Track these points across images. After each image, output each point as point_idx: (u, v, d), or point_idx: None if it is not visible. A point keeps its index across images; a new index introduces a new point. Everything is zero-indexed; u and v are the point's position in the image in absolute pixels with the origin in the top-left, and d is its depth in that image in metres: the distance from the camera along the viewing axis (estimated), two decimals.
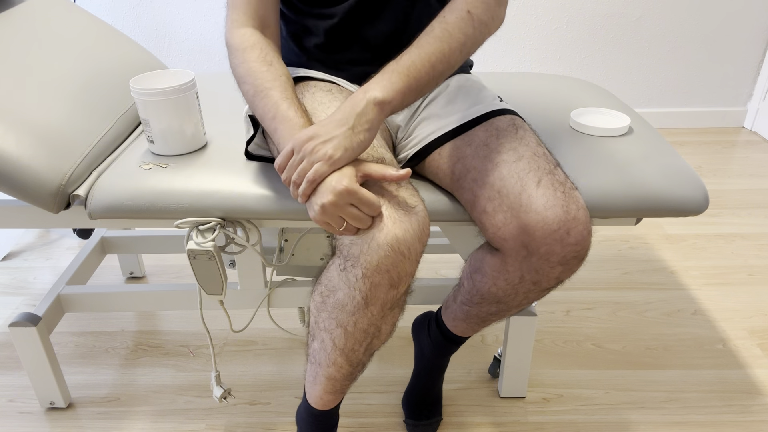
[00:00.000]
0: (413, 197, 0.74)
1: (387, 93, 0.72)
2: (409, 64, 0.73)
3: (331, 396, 0.90)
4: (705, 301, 1.45)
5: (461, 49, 0.77)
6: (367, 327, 0.77)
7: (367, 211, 0.69)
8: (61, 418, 1.15)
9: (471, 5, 0.77)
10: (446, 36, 0.75)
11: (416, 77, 0.74)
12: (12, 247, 1.70)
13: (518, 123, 0.88)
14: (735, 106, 2.40)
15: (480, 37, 0.79)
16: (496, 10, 0.79)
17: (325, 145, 0.69)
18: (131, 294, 1.13)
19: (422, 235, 0.72)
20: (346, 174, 0.69)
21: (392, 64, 0.74)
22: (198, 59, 2.29)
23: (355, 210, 0.69)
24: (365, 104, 0.71)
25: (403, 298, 0.78)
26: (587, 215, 0.77)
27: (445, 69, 0.76)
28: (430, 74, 0.75)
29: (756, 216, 1.80)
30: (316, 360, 0.85)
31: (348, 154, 0.70)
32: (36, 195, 0.90)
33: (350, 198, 0.68)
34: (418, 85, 0.74)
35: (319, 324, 0.80)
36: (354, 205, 0.69)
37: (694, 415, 1.14)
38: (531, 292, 0.83)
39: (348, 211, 0.69)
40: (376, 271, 0.70)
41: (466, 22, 0.77)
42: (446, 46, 0.75)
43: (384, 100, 0.71)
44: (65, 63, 1.08)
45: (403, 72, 0.73)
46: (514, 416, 1.15)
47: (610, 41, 2.26)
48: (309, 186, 0.70)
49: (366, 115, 0.71)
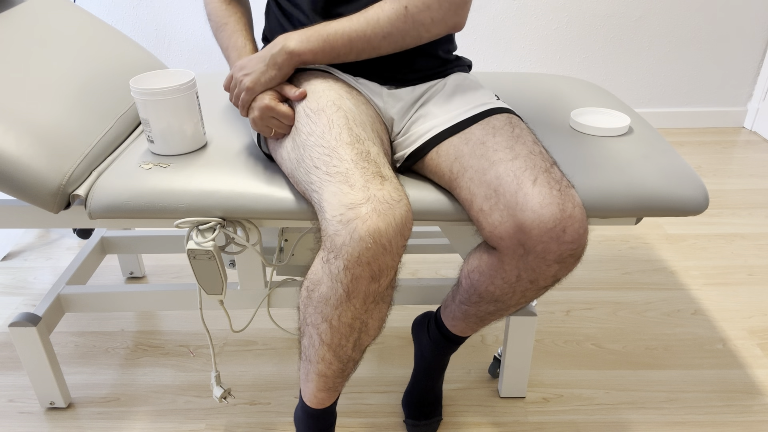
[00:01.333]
0: (398, 191, 0.75)
1: (300, 46, 0.85)
2: (332, 32, 0.84)
3: (324, 394, 0.90)
4: (705, 301, 1.45)
5: (385, 37, 0.84)
6: (352, 321, 0.77)
7: (285, 121, 0.86)
8: (61, 418, 1.15)
9: (410, 2, 0.82)
10: (374, 21, 0.83)
11: (332, 45, 0.84)
12: (12, 247, 1.70)
13: (514, 121, 0.88)
14: (735, 106, 2.40)
15: (414, 34, 0.85)
16: (440, 13, 0.83)
17: (247, 77, 0.87)
18: (131, 294, 1.13)
19: (404, 228, 0.73)
20: (268, 94, 0.87)
21: (320, 25, 0.85)
22: (198, 59, 2.29)
23: (276, 121, 0.87)
24: (279, 49, 0.85)
25: (387, 293, 0.78)
26: (583, 213, 0.77)
27: (365, 48, 0.85)
28: (347, 47, 0.85)
29: (756, 216, 1.80)
30: (307, 357, 0.85)
31: (260, 87, 0.87)
32: (36, 195, 0.90)
33: (270, 112, 0.85)
34: (332, 51, 0.85)
35: (306, 319, 0.81)
36: (275, 117, 0.86)
37: (694, 415, 1.14)
38: (528, 290, 0.83)
39: (272, 123, 0.87)
40: (357, 263, 0.71)
41: (399, 15, 0.83)
42: (369, 30, 0.84)
43: (294, 51, 0.85)
44: (65, 63, 1.08)
45: (322, 35, 0.84)
46: (514, 416, 1.15)
47: (610, 41, 2.26)
48: (242, 109, 0.90)
49: (277, 57, 0.85)
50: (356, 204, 0.71)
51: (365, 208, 0.71)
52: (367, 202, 0.71)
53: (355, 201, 0.71)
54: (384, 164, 0.78)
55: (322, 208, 0.74)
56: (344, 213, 0.71)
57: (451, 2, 0.82)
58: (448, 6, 0.82)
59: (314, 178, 0.77)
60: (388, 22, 0.83)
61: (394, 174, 0.78)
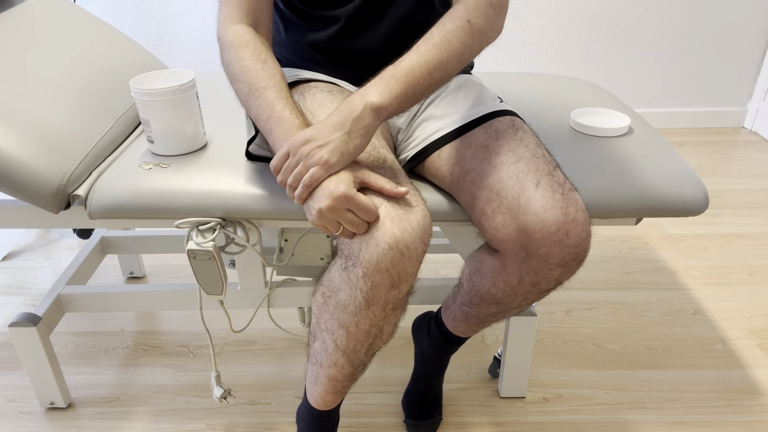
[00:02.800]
0: (414, 197, 0.75)
1: (384, 98, 0.71)
2: (408, 70, 0.73)
3: (331, 396, 0.90)
4: (705, 301, 1.45)
5: (459, 58, 0.76)
6: (369, 328, 0.77)
7: (363, 216, 0.69)
8: (61, 418, 1.15)
9: (471, 14, 0.77)
10: (445, 44, 0.75)
11: (413, 84, 0.73)
12: (12, 247, 1.70)
13: (518, 124, 0.88)
14: (735, 106, 2.40)
15: (478, 47, 0.79)
16: (495, 20, 0.79)
17: (321, 149, 0.70)
18: (131, 294, 1.13)
19: (423, 235, 0.72)
20: (344, 179, 0.70)
21: (390, 69, 0.74)
22: (198, 59, 2.29)
23: (352, 215, 0.69)
24: (362, 109, 0.71)
25: (405, 299, 0.78)
26: (586, 217, 0.77)
27: (442, 77, 0.76)
28: (427, 81, 0.75)
29: (756, 216, 1.80)
30: (318, 360, 0.85)
31: (344, 159, 0.71)
32: (36, 195, 0.90)
33: (347, 204, 0.68)
34: (414, 91, 0.74)
35: (320, 324, 0.80)
36: (351, 210, 0.69)
37: (694, 415, 1.14)
38: (530, 293, 0.83)
39: (345, 216, 0.69)
40: (376, 270, 0.70)
41: (466, 31, 0.76)
42: (444, 54, 0.75)
43: (381, 106, 0.71)
44: (65, 63, 1.08)
45: (401, 78, 0.73)
46: (514, 416, 1.15)
47: (610, 41, 2.26)
48: (305, 190, 0.71)
49: (363, 120, 0.71)
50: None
51: (380, 214, 0.70)
52: (381, 208, 0.71)
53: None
54: (399, 171, 0.78)
55: None
56: None
57: (501, 6, 0.80)
58: (500, 11, 0.80)
59: None
60: (458, 40, 0.76)
61: (409, 180, 0.78)
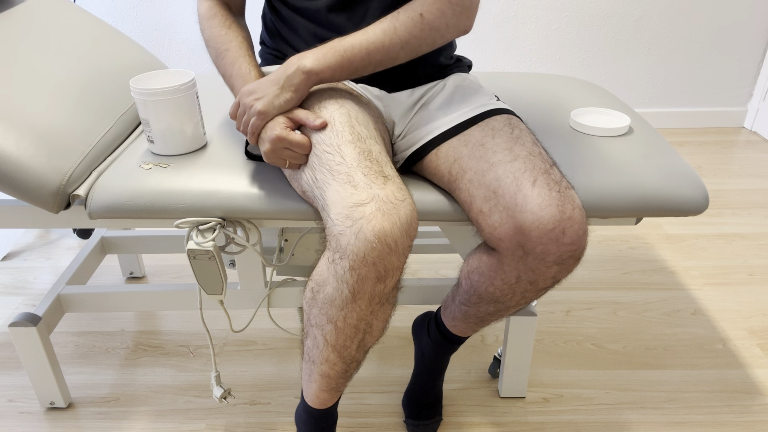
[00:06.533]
0: (401, 191, 0.75)
1: (317, 65, 0.81)
2: (348, 46, 0.81)
3: (326, 394, 0.90)
4: (705, 301, 1.45)
5: (403, 46, 0.82)
6: (357, 322, 0.77)
7: (299, 150, 0.80)
8: (61, 418, 1.15)
9: (426, 9, 0.81)
10: (391, 31, 0.81)
11: (350, 59, 0.81)
12: (12, 247, 1.70)
13: (514, 122, 0.88)
14: (735, 106, 2.40)
15: (429, 41, 0.83)
16: (453, 18, 0.82)
17: (258, 101, 0.81)
18: (131, 294, 1.13)
19: (410, 228, 0.72)
20: (278, 123, 0.81)
21: (335, 41, 0.82)
22: (198, 59, 2.29)
23: (290, 152, 0.80)
24: (295, 69, 0.81)
25: (392, 294, 0.78)
26: (583, 215, 0.77)
27: (383, 59, 0.82)
28: (365, 60, 0.82)
29: (756, 216, 1.80)
30: (310, 357, 0.85)
31: (275, 110, 0.81)
32: (36, 195, 0.90)
33: (282, 143, 0.79)
34: (350, 66, 0.81)
35: (310, 320, 0.81)
36: (288, 148, 0.80)
37: (694, 415, 1.14)
38: (528, 291, 0.83)
39: (285, 153, 0.81)
40: (363, 263, 0.70)
41: (415, 23, 0.81)
42: (387, 40, 0.81)
43: (312, 71, 0.81)
44: (65, 63, 1.08)
45: (339, 51, 0.81)
46: (514, 416, 1.15)
47: (610, 41, 2.26)
48: (251, 137, 0.84)
49: (293, 78, 0.81)
50: (360, 203, 0.71)
51: (369, 207, 0.70)
52: (371, 201, 0.71)
53: (359, 200, 0.71)
54: (386, 163, 0.78)
55: (327, 207, 0.74)
56: (349, 213, 0.71)
57: (463, 6, 0.82)
58: (460, 10, 0.82)
59: (319, 176, 0.77)
60: (405, 30, 0.81)
61: (396, 173, 0.78)
